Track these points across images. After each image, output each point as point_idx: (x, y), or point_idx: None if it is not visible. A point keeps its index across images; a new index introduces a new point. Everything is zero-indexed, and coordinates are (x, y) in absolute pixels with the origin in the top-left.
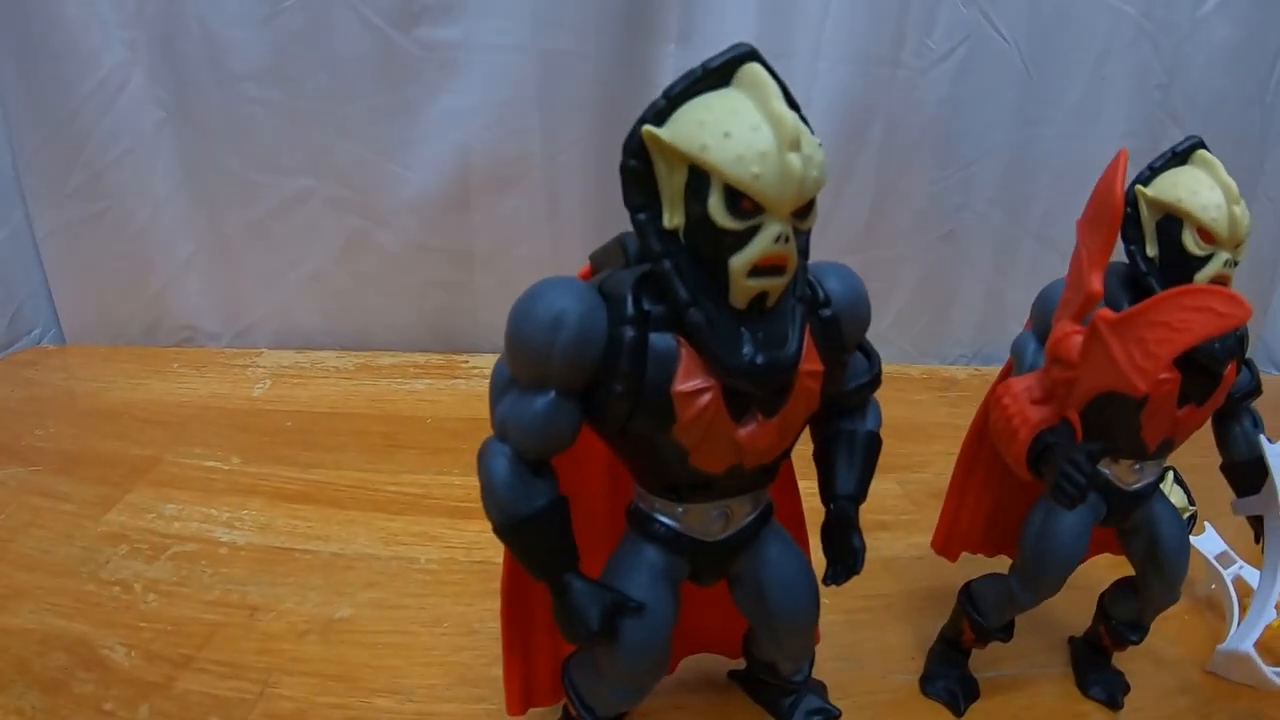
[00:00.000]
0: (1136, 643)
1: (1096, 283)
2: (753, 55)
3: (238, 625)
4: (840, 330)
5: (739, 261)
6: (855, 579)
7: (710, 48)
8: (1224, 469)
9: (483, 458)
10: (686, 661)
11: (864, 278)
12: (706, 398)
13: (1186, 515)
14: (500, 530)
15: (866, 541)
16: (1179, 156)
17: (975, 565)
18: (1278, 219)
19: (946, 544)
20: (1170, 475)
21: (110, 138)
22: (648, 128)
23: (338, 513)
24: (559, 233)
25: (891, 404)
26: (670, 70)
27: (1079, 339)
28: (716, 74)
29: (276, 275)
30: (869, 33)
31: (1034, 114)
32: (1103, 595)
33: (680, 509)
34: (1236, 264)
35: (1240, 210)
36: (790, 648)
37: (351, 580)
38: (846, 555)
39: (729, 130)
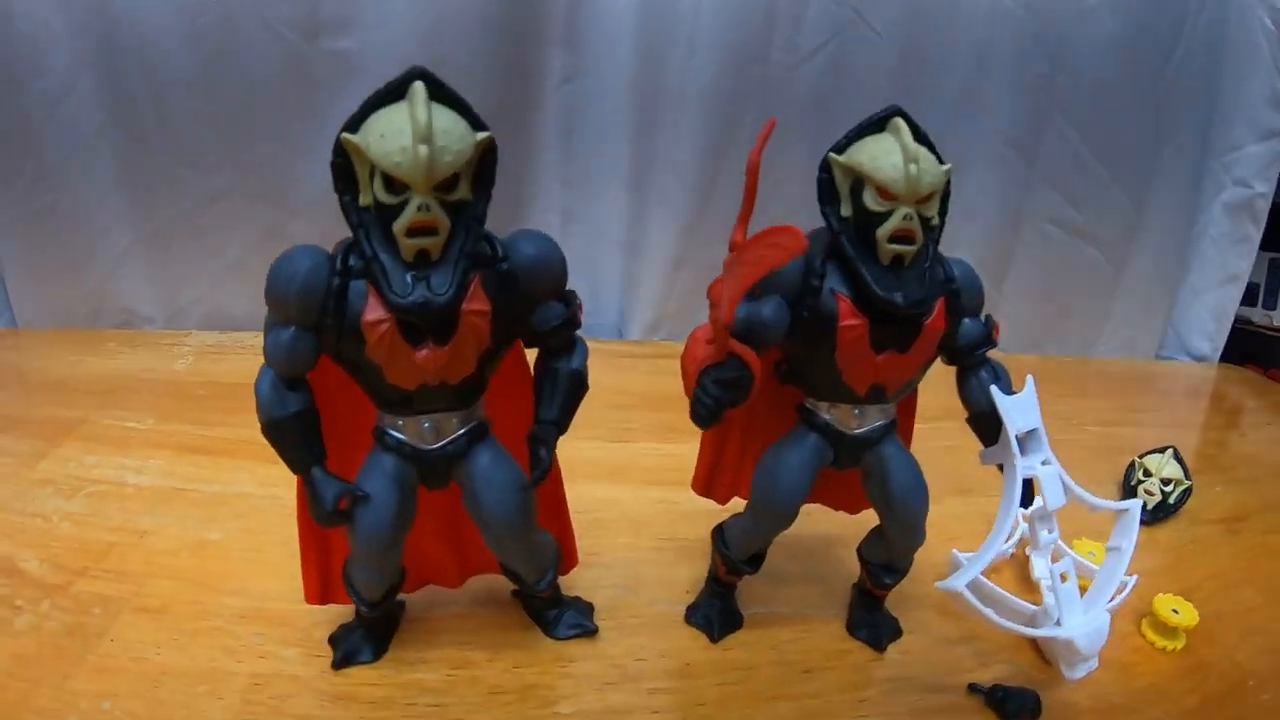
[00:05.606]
0: (890, 585)
1: (738, 234)
2: (421, 75)
3: (129, 545)
4: (518, 282)
5: (397, 226)
6: (658, 524)
7: (593, 49)
8: (969, 421)
9: (257, 379)
10: (478, 581)
11: None
12: (385, 326)
13: (1182, 488)
14: (264, 429)
15: (679, 498)
16: (875, 125)
17: None
18: (1177, 207)
19: (708, 488)
20: (1170, 452)
21: (58, 137)
22: (344, 134)
23: (228, 461)
24: None
25: None
26: (556, 72)
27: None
28: (395, 91)
29: (204, 263)
30: (738, 30)
31: (910, 106)
32: (860, 543)
33: (400, 422)
34: (926, 220)
35: (916, 169)
36: (510, 549)
37: (226, 513)
38: (537, 464)
39: (384, 133)
